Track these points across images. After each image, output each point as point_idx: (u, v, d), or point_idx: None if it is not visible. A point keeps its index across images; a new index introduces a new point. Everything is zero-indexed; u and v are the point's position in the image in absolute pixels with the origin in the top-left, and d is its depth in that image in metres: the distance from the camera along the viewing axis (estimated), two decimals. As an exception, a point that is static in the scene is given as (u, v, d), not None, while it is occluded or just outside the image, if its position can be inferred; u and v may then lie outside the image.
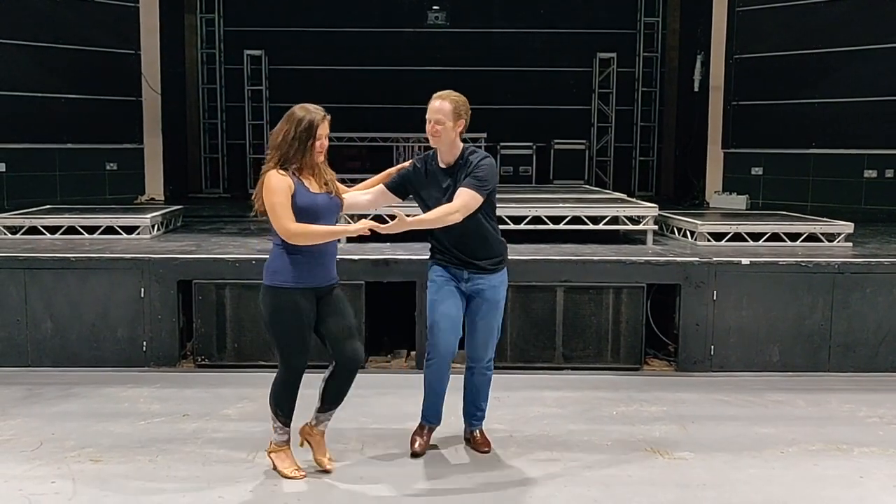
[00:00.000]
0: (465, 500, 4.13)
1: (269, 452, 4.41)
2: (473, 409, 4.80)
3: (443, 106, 4.36)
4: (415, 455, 4.63)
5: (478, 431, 4.80)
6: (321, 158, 4.27)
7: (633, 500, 4.14)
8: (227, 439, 4.92)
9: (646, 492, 4.23)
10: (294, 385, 4.31)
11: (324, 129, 4.25)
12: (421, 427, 4.75)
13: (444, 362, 4.55)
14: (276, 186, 4.09)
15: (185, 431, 5.04)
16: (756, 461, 4.65)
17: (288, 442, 4.38)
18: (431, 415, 4.73)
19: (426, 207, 4.46)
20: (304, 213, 4.11)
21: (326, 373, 4.37)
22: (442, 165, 4.47)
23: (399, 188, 4.63)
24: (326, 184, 4.28)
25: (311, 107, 4.28)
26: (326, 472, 4.38)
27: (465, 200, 4.26)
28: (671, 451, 4.79)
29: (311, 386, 4.37)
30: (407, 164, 4.63)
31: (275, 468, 4.36)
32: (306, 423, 4.44)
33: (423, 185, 4.52)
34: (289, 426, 4.35)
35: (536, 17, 14.40)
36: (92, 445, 4.77)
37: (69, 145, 11.53)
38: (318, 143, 4.22)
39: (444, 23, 14.53)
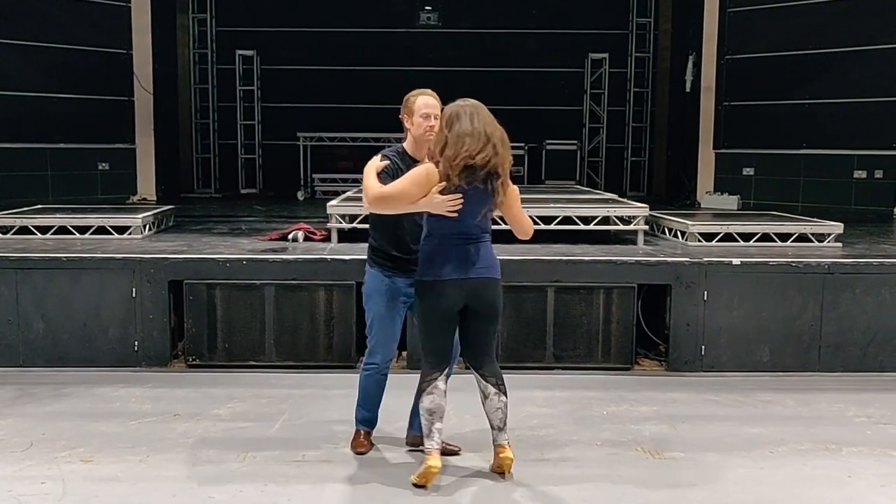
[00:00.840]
0: (454, 498, 4.13)
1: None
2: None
3: (437, 102, 4.35)
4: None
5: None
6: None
7: (622, 500, 4.15)
8: (218, 439, 4.92)
9: (635, 492, 4.24)
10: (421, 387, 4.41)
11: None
12: None
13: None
14: (370, 165, 4.39)
15: (175, 431, 5.04)
16: (746, 461, 4.67)
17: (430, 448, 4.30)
18: None
19: None
20: None
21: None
22: (417, 160, 4.37)
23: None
24: None
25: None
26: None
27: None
28: (661, 450, 4.81)
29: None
30: (383, 162, 4.36)
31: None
32: None
33: None
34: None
35: (528, 18, 14.44)
36: (83, 445, 4.77)
37: (61, 145, 11.52)
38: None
39: (436, 23, 14.56)
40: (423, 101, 4.39)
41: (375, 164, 4.32)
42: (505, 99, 13.54)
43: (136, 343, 6.44)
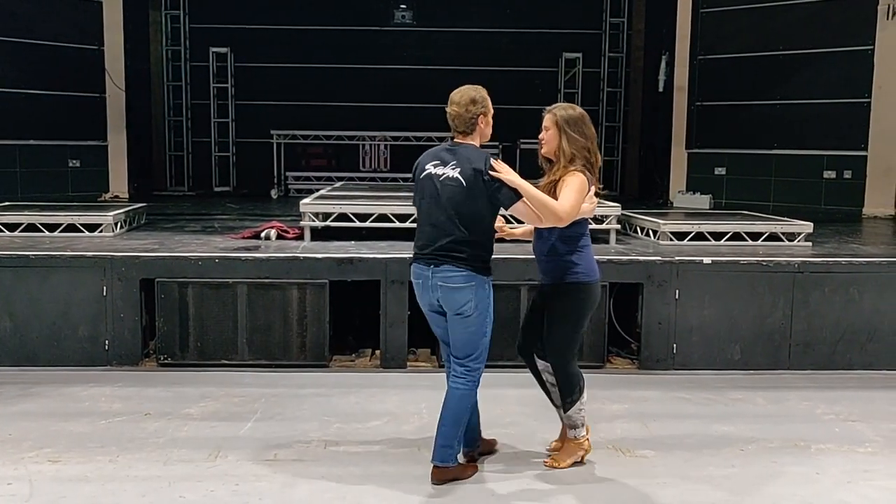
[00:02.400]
0: (424, 497, 4.13)
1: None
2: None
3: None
4: None
5: None
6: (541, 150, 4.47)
7: (593, 497, 4.18)
8: (189, 439, 4.88)
9: (606, 490, 4.27)
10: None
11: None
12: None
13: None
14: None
15: (146, 431, 5.00)
16: (716, 459, 4.71)
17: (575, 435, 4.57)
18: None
19: None
20: None
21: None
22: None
23: None
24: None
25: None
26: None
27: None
28: (632, 449, 4.84)
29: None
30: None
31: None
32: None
33: None
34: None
35: (503, 17, 14.46)
36: (50, 446, 4.71)
37: (31, 141, 11.39)
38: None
39: (410, 22, 14.54)
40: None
41: (579, 181, 4.23)
42: (479, 98, 13.64)
43: (107, 342, 6.38)
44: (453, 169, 4.09)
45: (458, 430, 4.23)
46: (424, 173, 4.18)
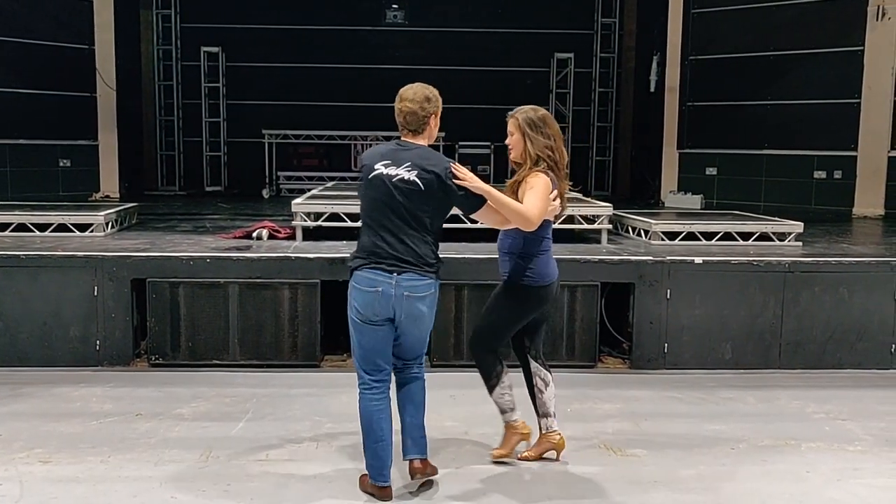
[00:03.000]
0: (418, 497, 4.14)
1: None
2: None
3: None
4: None
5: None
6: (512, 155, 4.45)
7: (585, 497, 4.19)
8: (181, 439, 4.87)
9: (598, 489, 4.28)
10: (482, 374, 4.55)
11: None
12: None
13: None
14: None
15: (137, 431, 4.99)
16: (707, 458, 4.73)
17: (510, 421, 4.56)
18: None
19: None
20: None
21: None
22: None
23: None
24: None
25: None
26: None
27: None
28: (624, 448, 4.85)
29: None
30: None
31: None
32: None
33: None
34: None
35: (495, 17, 14.48)
36: (41, 446, 4.70)
37: (21, 141, 11.34)
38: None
39: (402, 22, 14.54)
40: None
41: (542, 182, 4.21)
42: (471, 98, 13.62)
43: (98, 342, 6.36)
44: (408, 171, 3.91)
45: None
46: (374, 173, 3.95)
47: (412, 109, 4.02)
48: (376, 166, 3.97)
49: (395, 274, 3.90)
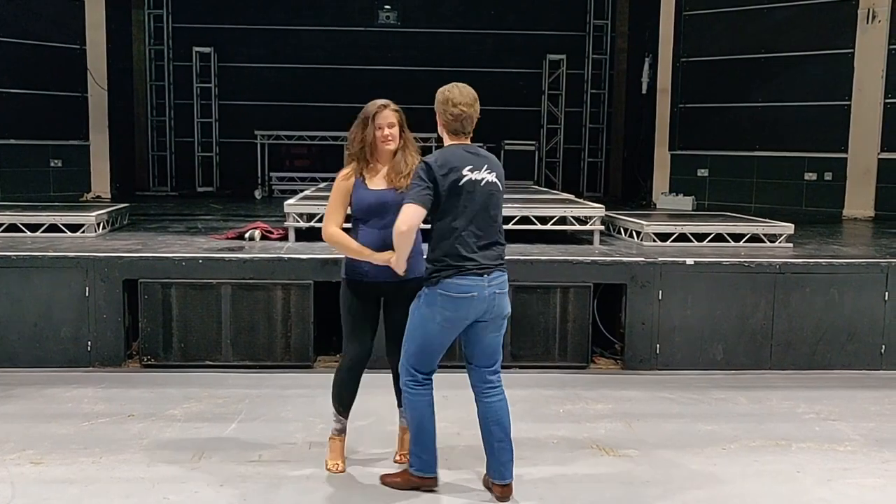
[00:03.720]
0: (411, 498, 4.14)
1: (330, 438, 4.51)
2: None
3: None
4: None
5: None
6: (388, 146, 4.24)
7: (578, 497, 4.20)
8: (173, 440, 4.87)
9: (591, 489, 4.29)
10: (344, 377, 4.43)
11: (383, 119, 4.23)
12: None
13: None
14: (336, 184, 4.30)
15: (129, 432, 4.98)
16: (699, 458, 4.75)
17: (337, 433, 4.46)
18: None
19: None
20: (359, 210, 4.24)
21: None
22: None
23: None
24: (394, 179, 4.21)
25: (377, 101, 4.33)
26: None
27: (402, 210, 3.89)
28: (616, 448, 4.87)
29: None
30: None
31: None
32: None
33: None
34: (344, 417, 4.45)
35: (487, 19, 14.50)
36: (32, 447, 4.68)
37: (12, 141, 11.29)
38: (378, 134, 4.21)
39: (395, 22, 14.55)
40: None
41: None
42: (463, 99, 13.68)
43: (89, 343, 6.34)
44: (489, 173, 4.00)
45: None
46: (465, 179, 3.92)
47: (469, 113, 4.04)
48: (464, 172, 3.94)
49: (485, 276, 3.97)
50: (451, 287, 3.93)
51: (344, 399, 4.44)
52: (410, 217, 3.85)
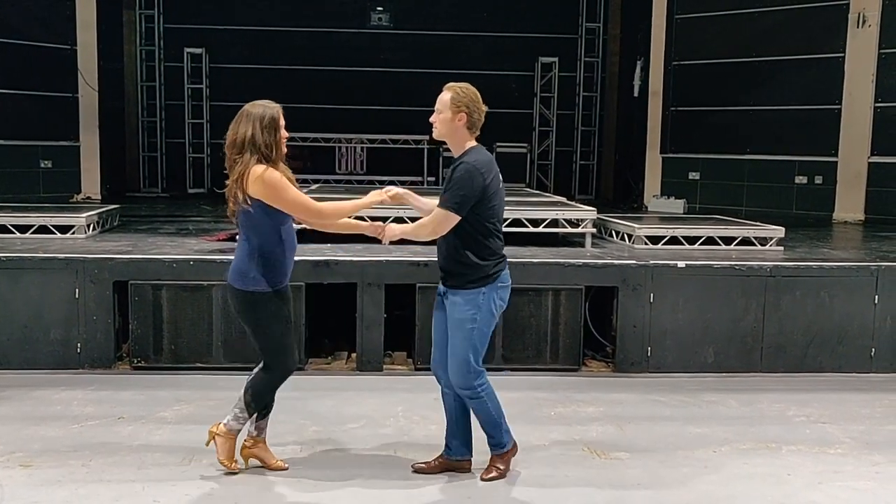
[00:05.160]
0: (402, 499, 4.14)
1: (216, 434, 4.31)
2: (449, 436, 4.45)
3: (443, 96, 4.15)
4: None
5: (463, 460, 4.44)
6: (284, 151, 4.24)
7: (568, 500, 4.20)
8: (163, 442, 4.85)
9: (582, 492, 4.29)
10: (279, 385, 4.38)
11: (282, 121, 4.21)
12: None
13: (436, 379, 4.43)
14: (280, 179, 4.11)
15: (119, 434, 4.95)
16: (689, 461, 4.75)
17: (238, 433, 4.35)
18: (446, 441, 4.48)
19: None
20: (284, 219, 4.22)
21: (254, 376, 4.35)
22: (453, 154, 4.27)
23: None
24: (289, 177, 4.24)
25: (262, 102, 4.21)
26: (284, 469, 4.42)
27: (437, 220, 4.05)
28: (608, 451, 4.87)
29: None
30: None
31: (217, 451, 4.31)
32: (247, 441, 4.39)
33: None
34: (258, 421, 4.39)
35: (479, 21, 14.50)
36: (22, 450, 4.66)
37: (1, 141, 11.23)
38: (281, 136, 4.17)
39: (387, 24, 14.53)
40: None
41: None
42: (456, 101, 13.69)
43: (79, 345, 6.31)
44: (500, 174, 4.23)
45: None
46: (499, 180, 4.19)
47: (484, 111, 4.21)
48: (497, 173, 4.16)
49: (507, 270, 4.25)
50: (504, 277, 4.22)
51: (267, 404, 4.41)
52: (446, 228, 4.05)
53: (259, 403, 4.32)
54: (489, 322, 4.18)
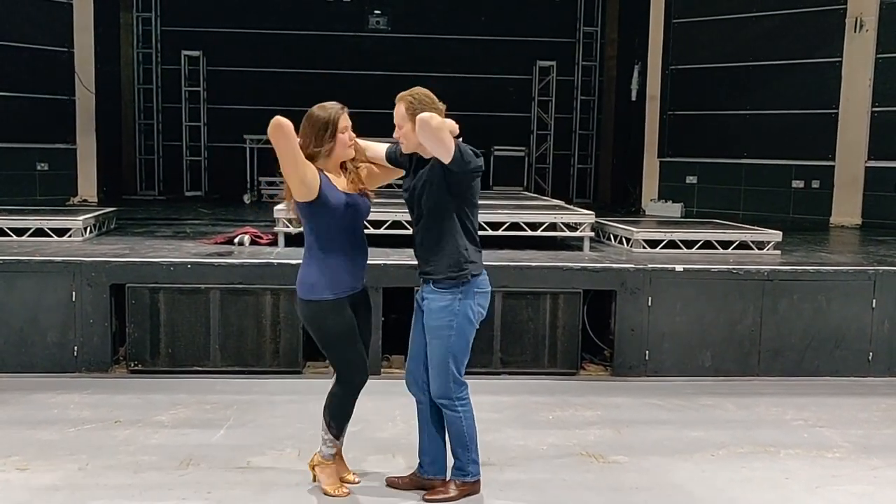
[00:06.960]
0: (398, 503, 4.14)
1: (314, 465, 4.23)
2: (420, 453, 4.28)
3: (398, 109, 4.01)
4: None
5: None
6: (350, 153, 4.11)
7: (566, 503, 4.19)
8: (160, 446, 4.83)
9: (580, 496, 4.28)
10: (354, 400, 4.16)
11: (344, 122, 4.08)
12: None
13: (411, 392, 4.24)
14: (294, 148, 3.96)
15: (116, 438, 4.94)
16: (687, 464, 4.75)
17: (335, 456, 4.23)
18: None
19: (404, 193, 4.13)
20: (334, 209, 3.90)
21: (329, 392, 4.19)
22: (425, 156, 4.06)
23: (395, 161, 4.24)
24: (353, 182, 4.08)
25: (328, 104, 4.18)
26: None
27: (451, 140, 3.88)
28: (605, 455, 4.86)
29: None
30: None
31: (316, 481, 4.22)
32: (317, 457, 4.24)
33: (408, 170, 4.16)
34: (339, 440, 4.24)
35: (477, 25, 14.51)
36: (18, 454, 4.64)
37: (-2, 144, 11.21)
38: (340, 137, 4.07)
39: (385, 28, 14.53)
40: None
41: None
42: (453, 105, 13.57)
43: (76, 348, 6.30)
44: None
45: None
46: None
47: None
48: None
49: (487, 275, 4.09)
50: (482, 283, 4.03)
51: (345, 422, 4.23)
52: (450, 152, 3.85)
53: (338, 420, 4.16)
54: (467, 329, 3.98)
